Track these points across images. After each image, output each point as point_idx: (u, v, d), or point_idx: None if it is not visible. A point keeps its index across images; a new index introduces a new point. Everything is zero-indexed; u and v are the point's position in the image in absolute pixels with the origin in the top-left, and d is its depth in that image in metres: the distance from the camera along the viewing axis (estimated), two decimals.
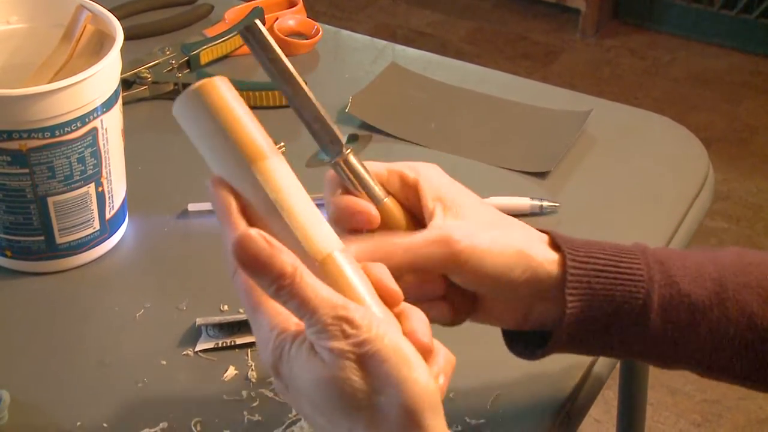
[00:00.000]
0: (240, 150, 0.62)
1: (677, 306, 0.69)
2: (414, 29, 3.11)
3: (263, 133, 0.63)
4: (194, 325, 0.87)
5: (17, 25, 0.97)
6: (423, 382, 0.57)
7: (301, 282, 0.58)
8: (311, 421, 0.61)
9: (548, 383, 0.82)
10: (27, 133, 0.84)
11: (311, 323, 0.58)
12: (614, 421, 1.33)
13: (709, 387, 2.03)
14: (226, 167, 0.62)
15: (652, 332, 0.70)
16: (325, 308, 0.58)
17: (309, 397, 0.59)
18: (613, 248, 0.71)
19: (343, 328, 0.57)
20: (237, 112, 0.63)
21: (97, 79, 0.86)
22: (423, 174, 0.71)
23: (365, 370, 0.57)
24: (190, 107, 0.63)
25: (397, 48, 1.28)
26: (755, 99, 2.86)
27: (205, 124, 0.62)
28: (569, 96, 1.20)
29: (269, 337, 0.60)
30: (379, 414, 0.57)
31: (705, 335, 0.70)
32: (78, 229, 0.91)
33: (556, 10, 3.14)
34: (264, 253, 0.58)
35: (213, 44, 1.19)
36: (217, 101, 0.63)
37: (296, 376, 0.59)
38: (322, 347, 0.57)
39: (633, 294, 0.69)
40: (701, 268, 0.71)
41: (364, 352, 0.57)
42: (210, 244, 0.96)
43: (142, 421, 0.79)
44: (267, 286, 0.59)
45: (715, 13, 3.02)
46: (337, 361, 0.57)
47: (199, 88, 0.62)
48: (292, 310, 0.59)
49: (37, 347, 0.86)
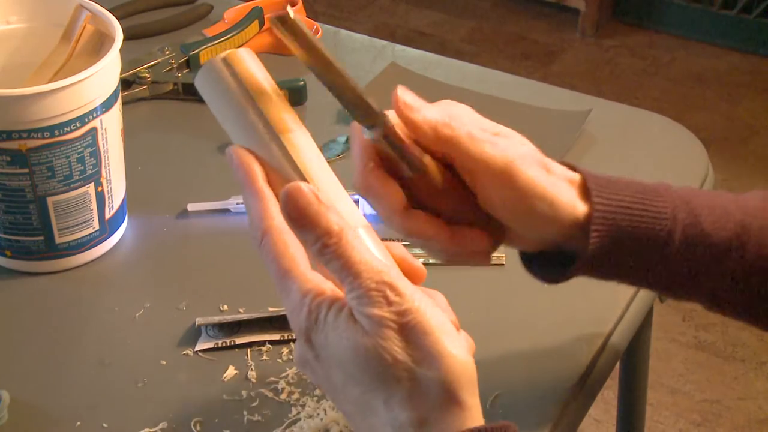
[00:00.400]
0: (270, 120, 0.62)
1: (698, 245, 0.70)
2: (413, 29, 3.11)
3: (289, 106, 0.63)
4: (194, 325, 0.87)
5: (17, 25, 0.97)
6: (462, 358, 0.57)
7: (347, 242, 0.58)
8: (339, 393, 0.59)
9: (548, 383, 0.82)
10: (26, 133, 0.84)
11: (353, 287, 0.57)
12: (614, 420, 1.33)
13: (708, 387, 2.03)
14: (253, 136, 0.62)
15: (671, 268, 0.71)
16: (369, 272, 0.57)
17: (344, 366, 0.57)
18: (639, 186, 0.72)
19: (387, 294, 0.56)
20: (266, 83, 0.63)
21: (97, 78, 0.86)
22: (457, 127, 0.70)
23: (407, 340, 0.56)
24: (216, 75, 0.62)
25: (397, 48, 1.28)
26: (755, 99, 2.85)
27: (233, 92, 0.62)
28: (569, 96, 1.20)
29: (302, 302, 0.58)
30: (418, 387, 0.56)
31: (722, 275, 0.71)
32: (77, 229, 0.91)
33: (556, 9, 3.13)
34: (312, 208, 0.58)
35: (212, 44, 1.19)
36: (247, 70, 0.63)
37: (332, 344, 0.57)
38: (364, 314, 0.56)
39: (656, 231, 0.70)
40: (725, 209, 0.72)
41: (406, 322, 0.56)
42: (210, 244, 0.96)
43: (142, 421, 0.79)
44: (311, 243, 0.58)
45: (714, 13, 3.02)
46: (379, 330, 0.56)
47: (228, 56, 0.62)
48: (334, 271, 0.58)
49: (37, 347, 0.86)
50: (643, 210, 0.70)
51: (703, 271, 0.71)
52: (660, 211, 0.70)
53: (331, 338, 0.57)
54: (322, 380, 0.60)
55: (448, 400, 0.56)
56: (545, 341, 0.86)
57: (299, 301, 0.59)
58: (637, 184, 0.72)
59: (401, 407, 0.56)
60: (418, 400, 0.56)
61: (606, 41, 3.07)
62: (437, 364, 0.56)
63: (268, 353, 0.85)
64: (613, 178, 0.72)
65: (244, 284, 0.91)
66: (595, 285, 0.90)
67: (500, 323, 0.87)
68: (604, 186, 0.70)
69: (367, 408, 0.58)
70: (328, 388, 0.60)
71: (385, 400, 0.56)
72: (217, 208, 0.99)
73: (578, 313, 0.88)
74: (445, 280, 0.92)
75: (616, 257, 0.70)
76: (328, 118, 1.12)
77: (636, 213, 0.70)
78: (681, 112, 2.74)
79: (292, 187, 0.58)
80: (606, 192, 0.70)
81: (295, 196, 0.58)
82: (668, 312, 2.16)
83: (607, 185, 0.71)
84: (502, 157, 0.68)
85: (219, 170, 1.05)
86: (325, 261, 0.58)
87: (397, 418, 0.56)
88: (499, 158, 0.68)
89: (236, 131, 0.63)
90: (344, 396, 0.59)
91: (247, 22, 1.22)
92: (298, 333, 0.59)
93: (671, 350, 2.11)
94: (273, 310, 0.88)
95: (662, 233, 0.70)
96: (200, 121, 1.13)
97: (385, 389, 0.56)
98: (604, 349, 0.87)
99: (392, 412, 0.56)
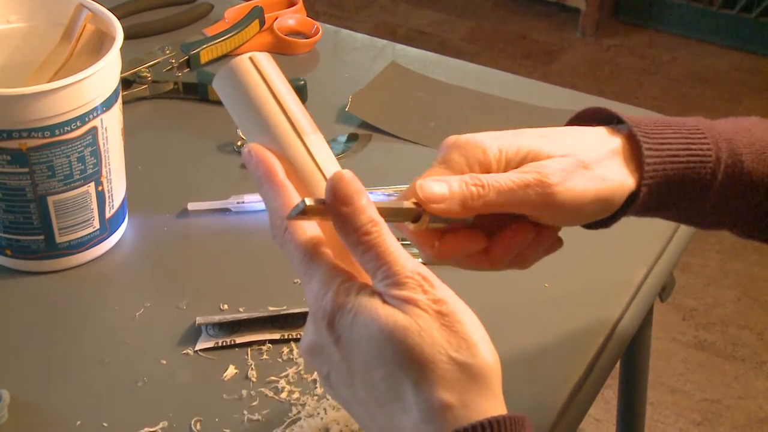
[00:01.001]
0: (294, 121, 0.63)
1: (737, 182, 0.73)
2: (414, 28, 3.11)
3: (305, 109, 0.65)
4: (194, 324, 0.87)
5: (17, 24, 0.97)
6: (491, 350, 0.58)
7: (386, 233, 0.59)
8: (356, 377, 0.58)
9: (548, 382, 0.82)
10: (27, 132, 0.84)
11: (389, 274, 0.58)
12: (614, 420, 1.33)
13: (709, 386, 2.03)
14: (278, 135, 0.63)
15: (710, 204, 0.73)
16: (406, 261, 0.58)
17: (372, 348, 0.57)
18: (684, 127, 0.73)
19: (421, 282, 0.58)
20: (286, 86, 0.64)
21: (97, 78, 0.86)
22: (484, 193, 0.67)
23: (443, 325, 0.57)
24: (243, 74, 0.64)
25: (397, 47, 1.28)
26: (755, 98, 2.85)
27: (259, 91, 0.63)
28: (569, 95, 1.20)
29: (330, 284, 0.59)
30: (456, 370, 0.56)
31: (759, 208, 0.74)
32: (78, 228, 0.91)
33: (556, 9, 3.13)
34: (359, 194, 0.59)
35: (213, 43, 1.19)
36: (271, 71, 0.64)
37: (361, 324, 0.57)
38: (400, 297, 0.57)
39: (701, 174, 0.72)
40: (765, 145, 0.74)
41: (441, 309, 0.57)
42: (210, 244, 0.96)
43: (142, 420, 0.79)
44: (353, 231, 0.58)
45: (714, 12, 3.02)
46: (417, 312, 0.57)
47: (252, 58, 0.64)
48: (370, 259, 0.58)
49: (37, 346, 0.86)
50: (689, 155, 0.72)
51: (740, 206, 0.74)
52: (705, 154, 0.72)
53: (361, 319, 0.57)
54: (335, 366, 0.60)
55: (483, 386, 0.57)
56: (545, 341, 0.86)
57: (326, 282, 0.59)
58: (683, 124, 0.73)
59: (436, 389, 0.56)
60: (455, 383, 0.56)
61: (606, 41, 3.07)
62: (474, 351, 0.57)
63: (268, 352, 0.85)
64: (659, 121, 0.73)
65: (245, 283, 0.91)
66: (595, 285, 0.91)
67: (500, 322, 0.87)
68: (651, 134, 0.71)
69: (389, 391, 0.57)
70: (340, 374, 0.59)
71: (416, 382, 0.56)
72: (218, 208, 0.99)
73: (578, 313, 0.88)
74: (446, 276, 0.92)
75: (661, 201, 0.72)
76: (329, 117, 1.12)
77: (683, 159, 0.71)
78: (681, 111, 2.74)
79: (340, 174, 0.59)
80: (655, 143, 0.71)
81: (349, 180, 0.59)
82: (668, 311, 2.16)
83: (654, 132, 0.71)
84: (540, 195, 0.67)
85: (219, 169, 1.05)
86: (363, 250, 0.59)
87: (428, 399, 0.56)
88: (536, 197, 0.67)
89: (258, 130, 0.64)
90: (362, 380, 0.58)
91: (248, 21, 1.22)
92: (319, 316, 0.59)
93: (671, 349, 2.11)
94: (273, 310, 0.88)
95: (706, 176, 0.72)
96: (200, 120, 1.13)
97: (419, 369, 0.56)
98: (605, 348, 0.87)
99: (423, 394, 0.56)
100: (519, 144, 0.69)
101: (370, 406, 0.58)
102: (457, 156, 0.68)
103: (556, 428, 0.80)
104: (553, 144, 0.70)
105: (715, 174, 0.72)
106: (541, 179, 0.67)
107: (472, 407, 0.56)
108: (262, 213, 0.99)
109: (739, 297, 2.24)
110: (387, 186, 1.00)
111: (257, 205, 0.99)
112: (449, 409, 0.56)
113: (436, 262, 0.69)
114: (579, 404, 0.83)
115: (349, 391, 0.60)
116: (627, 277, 0.93)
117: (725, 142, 0.73)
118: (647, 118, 0.73)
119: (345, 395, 0.60)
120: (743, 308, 2.21)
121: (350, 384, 0.59)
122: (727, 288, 2.26)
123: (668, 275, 0.98)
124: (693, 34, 3.06)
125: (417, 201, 0.66)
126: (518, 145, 0.69)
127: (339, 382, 0.60)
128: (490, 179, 0.66)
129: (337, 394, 0.61)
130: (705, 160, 0.72)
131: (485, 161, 0.68)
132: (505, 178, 0.67)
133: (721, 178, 0.72)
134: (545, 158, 0.69)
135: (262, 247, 0.95)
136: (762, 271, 2.29)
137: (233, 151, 1.07)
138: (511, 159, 0.69)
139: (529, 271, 0.91)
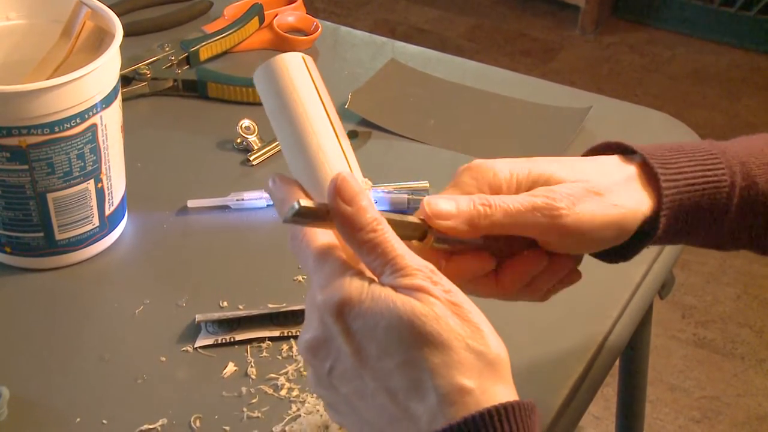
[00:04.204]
0: (332, 121, 0.64)
1: (753, 204, 0.73)
2: (413, 26, 3.11)
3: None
4: (194, 321, 0.87)
5: (16, 21, 0.97)
6: (500, 342, 0.59)
7: (389, 232, 0.60)
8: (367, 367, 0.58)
9: (548, 380, 0.82)
10: (26, 129, 0.84)
11: (398, 267, 0.58)
12: (614, 417, 1.33)
13: (708, 384, 2.03)
14: (318, 130, 0.64)
15: (727, 227, 0.74)
16: (414, 256, 0.59)
17: (390, 336, 0.57)
18: (698, 153, 0.73)
19: (430, 275, 0.58)
20: (326, 91, 0.66)
21: (97, 75, 0.86)
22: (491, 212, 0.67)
23: (457, 314, 0.58)
24: (296, 68, 0.65)
25: (397, 44, 1.28)
26: (754, 96, 2.86)
27: (308, 87, 0.64)
28: (568, 93, 1.20)
29: (340, 276, 0.59)
30: (473, 357, 0.57)
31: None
32: (77, 225, 0.91)
33: (556, 6, 3.13)
34: (362, 194, 0.60)
35: (212, 40, 1.19)
36: (317, 72, 0.66)
37: (377, 313, 0.57)
38: (412, 287, 0.58)
39: (717, 199, 0.72)
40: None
41: (453, 299, 0.58)
42: (210, 241, 0.96)
43: (142, 418, 0.79)
44: (358, 229, 0.59)
45: (714, 9, 3.02)
46: (431, 300, 0.57)
47: (303, 56, 0.65)
48: (377, 256, 0.59)
49: (37, 343, 0.86)
50: (705, 182, 0.72)
51: (756, 227, 0.74)
52: (720, 179, 0.72)
53: (374, 307, 0.58)
54: (342, 358, 0.59)
55: (497, 374, 0.58)
56: (545, 338, 0.86)
57: (336, 273, 0.59)
58: (696, 150, 0.73)
59: (455, 374, 0.56)
60: (473, 369, 0.57)
61: (606, 38, 3.07)
62: (487, 340, 0.58)
63: (267, 350, 0.85)
64: (673, 148, 0.73)
65: (244, 281, 0.91)
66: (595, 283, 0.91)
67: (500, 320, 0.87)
68: (667, 164, 0.72)
69: (405, 379, 0.57)
70: (347, 367, 0.59)
71: (436, 366, 0.57)
72: (217, 205, 0.99)
73: (578, 311, 0.88)
74: None
75: (678, 229, 0.72)
76: None
77: (699, 188, 0.72)
78: (681, 109, 2.74)
79: (341, 175, 0.60)
80: (670, 172, 0.71)
81: (350, 181, 0.60)
82: (668, 309, 2.16)
83: (669, 162, 0.72)
84: (548, 218, 0.67)
85: (219, 167, 1.05)
86: (369, 247, 0.59)
87: (449, 384, 0.56)
88: (543, 219, 0.67)
89: (299, 124, 0.64)
90: (375, 370, 0.58)
91: (247, 18, 1.22)
92: (328, 307, 0.59)
93: (671, 347, 2.11)
94: (273, 307, 0.88)
95: (722, 200, 0.72)
96: (200, 117, 1.13)
97: (439, 355, 0.57)
98: (604, 346, 0.87)
99: (444, 378, 0.56)
100: (530, 167, 0.69)
101: (380, 398, 0.58)
102: (468, 178, 0.69)
103: (556, 426, 0.80)
104: (566, 169, 0.70)
105: (731, 198, 0.72)
106: (550, 203, 0.67)
107: (489, 393, 0.57)
108: (262, 210, 0.99)
109: (739, 295, 2.24)
110: (387, 183, 1.00)
111: (257, 202, 0.99)
112: (469, 393, 0.56)
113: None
114: (579, 402, 0.83)
115: (353, 385, 0.59)
116: (627, 274, 0.93)
117: (739, 165, 0.73)
118: (659, 146, 0.73)
119: (346, 390, 0.60)
120: (742, 306, 2.21)
121: (357, 376, 0.59)
122: (727, 285, 2.26)
123: (668, 273, 0.98)
124: (692, 31, 3.07)
125: (424, 218, 0.66)
126: (529, 168, 0.69)
127: (343, 376, 0.60)
128: (498, 200, 0.67)
129: (336, 391, 0.60)
130: (720, 185, 0.72)
131: (495, 183, 0.69)
132: (514, 199, 0.67)
133: (737, 201, 0.73)
134: (556, 183, 0.69)
135: (261, 245, 0.95)
136: (761, 269, 2.29)
137: (233, 149, 1.07)
138: (522, 182, 0.69)
139: None
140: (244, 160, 1.05)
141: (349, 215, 0.59)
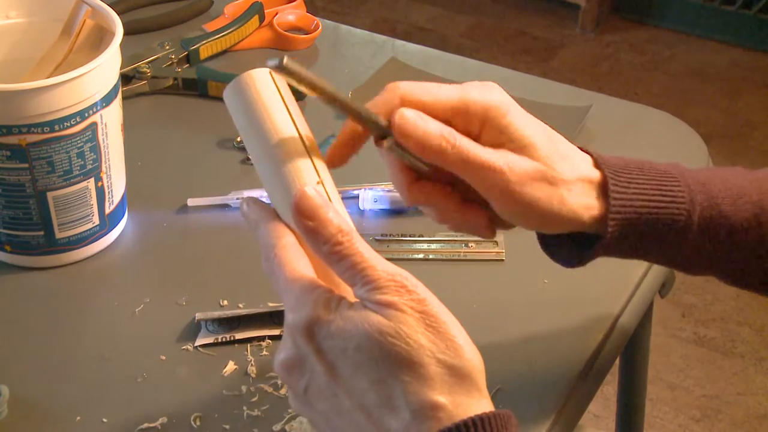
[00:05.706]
0: (304, 135, 0.64)
1: (716, 227, 0.72)
2: (414, 24, 3.10)
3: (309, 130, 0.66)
4: (194, 320, 0.87)
5: (16, 20, 0.97)
6: (475, 350, 0.58)
7: (358, 240, 0.59)
8: (341, 387, 0.58)
9: (548, 379, 0.82)
10: (26, 127, 0.84)
11: (369, 280, 0.58)
12: (613, 416, 1.33)
13: (708, 382, 2.03)
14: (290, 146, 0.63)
15: (690, 249, 0.73)
16: (383, 266, 0.58)
17: (360, 355, 0.57)
18: (654, 170, 0.73)
19: (403, 284, 0.58)
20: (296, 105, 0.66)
21: (97, 73, 0.86)
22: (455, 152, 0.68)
23: (429, 327, 0.57)
24: (257, 84, 0.64)
25: (397, 43, 1.28)
26: (754, 94, 2.85)
27: (267, 103, 0.64)
28: (569, 91, 1.20)
29: (309, 296, 0.59)
30: (445, 372, 0.57)
31: (740, 253, 0.73)
32: (77, 224, 0.91)
33: (556, 5, 3.13)
34: (324, 208, 0.59)
35: (212, 39, 1.19)
36: (282, 85, 0.65)
37: (345, 331, 0.57)
38: (383, 302, 0.57)
39: (675, 216, 0.72)
40: (742, 190, 0.73)
41: (425, 309, 0.57)
42: (210, 240, 0.96)
43: (142, 416, 0.79)
44: (324, 242, 0.59)
45: (714, 8, 3.02)
46: (400, 315, 0.57)
47: (270, 71, 0.64)
48: (346, 268, 0.59)
49: (37, 342, 0.86)
50: (660, 195, 0.72)
51: (722, 251, 0.73)
52: (677, 195, 0.72)
53: (343, 327, 0.57)
54: (316, 378, 0.59)
55: (471, 386, 0.57)
56: (545, 337, 0.86)
57: (305, 294, 0.59)
58: (652, 168, 0.73)
59: (426, 390, 0.56)
60: (444, 384, 0.57)
61: (606, 37, 3.07)
62: (459, 352, 0.57)
63: (267, 348, 0.85)
64: (632, 163, 0.73)
65: (244, 279, 0.91)
66: (594, 281, 0.91)
67: (500, 319, 0.88)
68: (620, 173, 0.71)
69: (379, 397, 0.57)
70: (321, 386, 0.59)
71: (407, 384, 0.56)
72: (217, 203, 0.99)
73: (578, 310, 0.88)
74: (445, 273, 0.92)
75: (635, 241, 0.72)
76: (328, 113, 1.12)
77: (653, 199, 0.71)
78: (681, 107, 2.74)
79: (301, 191, 0.60)
80: (621, 181, 0.71)
81: (310, 195, 0.60)
82: (668, 308, 2.16)
83: (623, 171, 0.72)
84: (500, 181, 0.68)
85: (219, 165, 1.05)
86: (337, 259, 0.59)
87: (420, 401, 0.56)
88: (496, 183, 0.68)
89: (266, 140, 0.64)
90: (348, 389, 0.58)
91: (248, 17, 1.22)
92: (298, 328, 0.59)
93: (671, 346, 2.11)
94: (273, 306, 0.88)
95: (681, 218, 0.72)
96: (200, 116, 1.13)
97: (409, 373, 0.56)
98: (604, 344, 0.87)
99: (415, 395, 0.56)
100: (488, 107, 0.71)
101: (356, 415, 0.58)
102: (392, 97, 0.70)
103: (556, 424, 0.80)
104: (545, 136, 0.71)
105: (691, 216, 0.72)
106: (506, 171, 0.68)
107: (462, 406, 0.57)
108: None
109: (739, 293, 2.24)
110: (387, 182, 1.00)
111: None
112: (441, 409, 0.56)
113: (408, 204, 0.72)
114: (579, 400, 0.83)
115: (330, 403, 0.59)
116: (627, 273, 0.93)
117: (699, 185, 0.73)
118: (621, 159, 0.73)
119: (323, 408, 0.60)
120: (742, 305, 2.21)
121: (332, 395, 0.59)
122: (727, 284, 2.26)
123: (668, 271, 0.98)
124: (693, 30, 3.06)
125: (390, 123, 0.67)
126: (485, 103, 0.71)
127: (319, 394, 0.60)
128: (464, 142, 0.67)
129: (313, 409, 0.61)
130: (677, 200, 0.72)
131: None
132: (478, 148, 0.68)
133: (698, 220, 0.72)
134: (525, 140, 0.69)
135: None
136: None
137: (233, 147, 1.07)
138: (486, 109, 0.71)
139: (529, 267, 0.91)
140: (244, 159, 1.05)
141: (311, 230, 0.59)
